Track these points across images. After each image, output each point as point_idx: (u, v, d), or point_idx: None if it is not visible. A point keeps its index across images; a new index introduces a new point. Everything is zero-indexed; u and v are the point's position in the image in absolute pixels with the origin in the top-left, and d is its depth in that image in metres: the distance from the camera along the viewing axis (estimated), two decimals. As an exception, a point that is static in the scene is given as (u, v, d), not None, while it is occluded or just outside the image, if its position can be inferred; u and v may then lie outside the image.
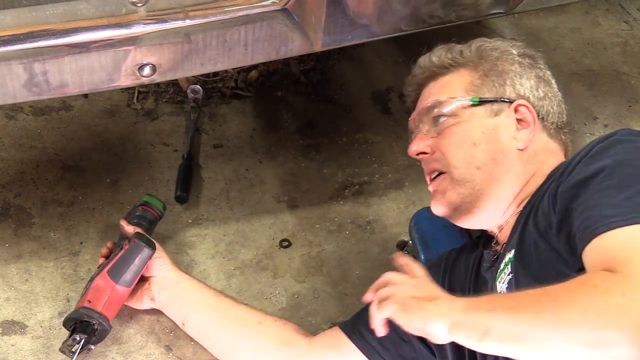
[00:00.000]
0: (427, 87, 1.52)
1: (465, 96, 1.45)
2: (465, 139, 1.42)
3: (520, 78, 1.48)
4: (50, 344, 1.70)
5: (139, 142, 2.17)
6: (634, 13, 2.72)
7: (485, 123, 1.43)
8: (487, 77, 1.47)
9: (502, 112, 1.44)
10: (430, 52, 1.54)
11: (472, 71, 1.48)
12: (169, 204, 1.95)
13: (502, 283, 1.32)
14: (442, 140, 1.44)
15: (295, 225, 2.01)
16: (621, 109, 2.37)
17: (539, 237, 1.24)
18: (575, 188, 1.17)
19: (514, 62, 1.49)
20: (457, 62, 1.49)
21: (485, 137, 1.42)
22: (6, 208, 1.96)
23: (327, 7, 1.46)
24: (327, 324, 1.78)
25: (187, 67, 1.48)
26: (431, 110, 1.47)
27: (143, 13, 1.36)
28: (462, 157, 1.42)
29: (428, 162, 1.48)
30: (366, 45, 2.48)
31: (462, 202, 1.41)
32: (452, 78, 1.49)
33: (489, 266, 1.44)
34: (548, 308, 1.00)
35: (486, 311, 1.06)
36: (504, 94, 1.45)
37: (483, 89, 1.46)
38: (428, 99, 1.50)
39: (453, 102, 1.44)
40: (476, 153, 1.41)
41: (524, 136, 1.43)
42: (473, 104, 1.44)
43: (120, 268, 1.65)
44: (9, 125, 2.17)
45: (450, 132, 1.44)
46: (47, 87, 1.40)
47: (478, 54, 1.49)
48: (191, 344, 1.73)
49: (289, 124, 2.27)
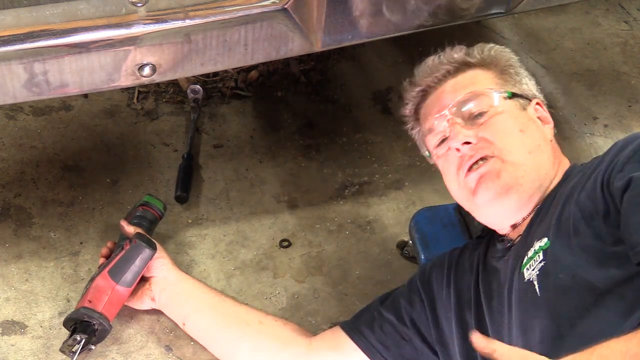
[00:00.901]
0: (447, 84, 1.51)
1: (498, 89, 1.47)
2: (513, 126, 1.43)
3: (529, 80, 1.53)
4: (50, 344, 1.70)
5: (139, 142, 2.17)
6: (634, 13, 2.72)
7: (522, 114, 1.46)
8: (506, 74, 1.51)
9: (527, 107, 1.48)
10: (441, 53, 1.54)
11: (492, 68, 1.51)
12: (169, 204, 1.95)
13: (532, 270, 1.29)
14: (487, 129, 1.43)
15: (295, 225, 2.01)
16: (621, 109, 2.37)
17: (583, 223, 1.23)
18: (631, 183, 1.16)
19: (520, 65, 1.54)
20: (475, 61, 1.51)
21: (528, 126, 1.44)
22: (6, 208, 1.96)
23: (327, 7, 1.46)
24: (327, 324, 1.78)
25: (187, 67, 1.48)
26: (467, 102, 1.46)
27: (143, 13, 1.36)
28: (513, 142, 1.41)
29: (475, 150, 1.42)
30: (366, 45, 2.47)
31: (516, 182, 1.39)
32: (476, 74, 1.50)
33: (502, 256, 1.44)
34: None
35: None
36: (523, 92, 1.50)
37: (507, 85, 1.49)
38: (456, 93, 1.48)
39: (491, 93, 1.46)
40: (525, 139, 1.42)
41: (548, 131, 1.47)
42: (508, 96, 1.46)
43: (120, 268, 1.65)
44: (9, 125, 2.17)
45: (495, 121, 1.43)
46: (47, 87, 1.40)
47: (491, 56, 1.52)
48: (191, 344, 1.73)
49: (289, 124, 2.27)
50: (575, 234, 1.24)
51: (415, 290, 1.57)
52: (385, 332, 1.57)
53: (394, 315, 1.57)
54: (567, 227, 1.26)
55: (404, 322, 1.56)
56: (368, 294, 1.84)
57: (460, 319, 1.46)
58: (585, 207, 1.25)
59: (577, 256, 1.23)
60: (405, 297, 1.58)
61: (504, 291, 1.37)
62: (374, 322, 1.58)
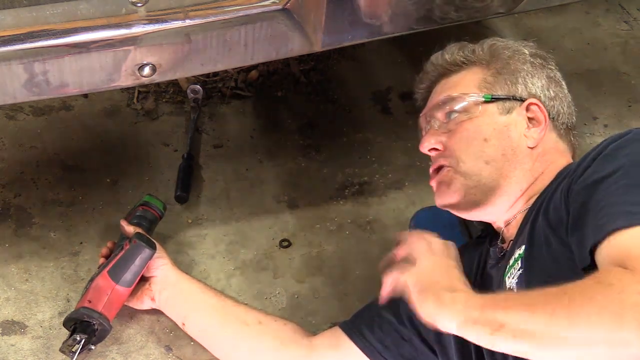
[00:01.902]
0: (439, 84, 1.53)
1: (478, 93, 1.46)
2: (477, 134, 1.43)
3: (531, 77, 1.49)
4: (50, 344, 1.70)
5: (139, 142, 2.17)
6: (634, 13, 2.72)
7: (497, 120, 1.44)
8: (500, 75, 1.48)
9: (513, 109, 1.45)
10: (442, 50, 1.55)
11: (485, 69, 1.50)
12: (169, 204, 1.95)
13: (512, 278, 1.32)
14: (453, 136, 1.45)
15: (295, 225, 2.01)
16: (621, 109, 2.37)
17: (551, 232, 1.24)
18: (591, 186, 1.17)
19: (525, 62, 1.51)
20: (470, 60, 1.51)
21: (497, 133, 1.43)
22: (6, 208, 1.96)
23: (327, 7, 1.46)
24: (327, 324, 1.78)
25: (187, 67, 1.48)
26: (443, 106, 1.47)
27: (143, 13, 1.36)
28: (472, 152, 1.42)
29: (437, 158, 1.47)
30: (366, 45, 2.47)
31: (467, 193, 1.41)
32: (465, 75, 1.50)
33: (495, 263, 1.45)
34: (564, 306, 1.00)
35: (502, 308, 1.07)
36: (516, 92, 1.47)
37: (495, 87, 1.47)
38: (440, 95, 1.50)
39: (466, 98, 1.45)
40: (486, 148, 1.42)
41: (534, 134, 1.44)
42: (485, 100, 1.45)
43: (120, 268, 1.65)
44: (9, 125, 2.17)
45: (462, 128, 1.44)
46: (47, 87, 1.40)
47: (490, 53, 1.51)
48: (191, 344, 1.73)
49: (289, 124, 2.27)
50: (546, 242, 1.25)
51: (415, 290, 1.57)
52: (384, 331, 1.57)
53: (393, 315, 1.57)
54: (539, 235, 1.28)
55: (403, 322, 1.56)
56: (368, 294, 1.83)
57: None
58: (551, 218, 1.26)
59: (549, 265, 1.23)
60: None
61: None
62: (374, 321, 1.58)
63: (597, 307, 0.97)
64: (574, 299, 1.00)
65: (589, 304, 0.98)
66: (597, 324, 0.97)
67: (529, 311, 1.03)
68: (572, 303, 1.00)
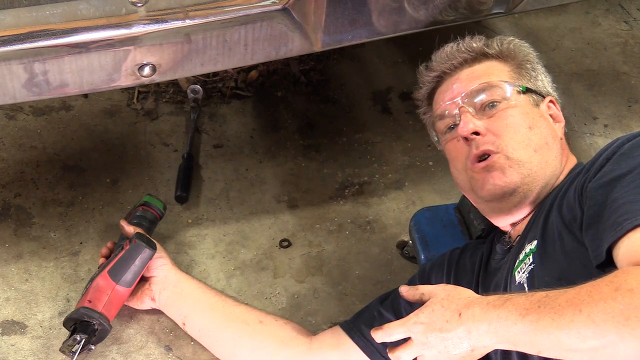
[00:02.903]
0: (463, 72, 1.50)
1: (513, 82, 1.46)
2: (522, 122, 1.42)
3: (545, 76, 1.53)
4: (50, 344, 1.70)
5: (139, 142, 2.17)
6: (634, 13, 2.72)
7: (534, 110, 1.45)
8: (523, 69, 1.50)
9: (540, 103, 1.47)
10: (461, 41, 1.53)
11: (509, 62, 1.51)
12: (169, 204, 1.95)
13: (522, 273, 1.31)
14: (496, 123, 1.42)
15: (295, 225, 2.01)
16: (621, 109, 2.37)
17: (564, 228, 1.24)
18: (607, 184, 1.17)
19: (538, 62, 1.54)
20: (494, 53, 1.51)
21: (538, 122, 1.43)
22: (6, 208, 1.96)
23: (327, 7, 1.46)
24: (327, 324, 1.78)
25: (187, 67, 1.48)
26: (481, 92, 1.46)
27: (143, 13, 1.36)
28: (520, 139, 1.41)
29: (478, 144, 1.42)
30: (366, 45, 2.48)
31: (522, 182, 1.39)
32: (492, 66, 1.50)
33: (501, 257, 1.45)
34: (588, 326, 0.98)
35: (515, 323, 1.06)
36: (538, 88, 1.49)
37: (522, 80, 1.48)
38: (470, 82, 1.47)
39: (506, 86, 1.45)
40: (533, 136, 1.41)
41: (559, 129, 1.46)
42: (522, 90, 1.45)
43: (120, 268, 1.65)
44: (9, 125, 2.17)
45: (505, 115, 1.43)
46: (47, 87, 1.40)
47: (509, 49, 1.51)
48: (191, 344, 1.73)
49: (289, 124, 2.27)
50: (559, 238, 1.25)
51: (414, 289, 1.57)
52: (385, 332, 1.57)
53: (394, 315, 1.57)
54: (552, 231, 1.27)
55: (404, 322, 1.56)
56: (368, 294, 1.84)
57: None
58: (565, 215, 1.25)
59: (562, 260, 1.23)
60: (404, 297, 1.58)
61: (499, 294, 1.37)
62: (374, 321, 1.58)
63: (623, 319, 0.96)
64: (594, 314, 0.98)
65: (613, 317, 0.97)
66: (626, 334, 0.96)
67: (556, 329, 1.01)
68: (595, 320, 0.98)
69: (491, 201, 1.42)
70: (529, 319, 1.04)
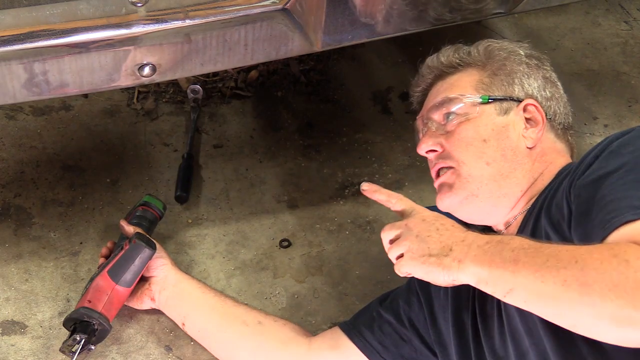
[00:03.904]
0: (435, 87, 1.53)
1: (475, 94, 1.46)
2: (476, 135, 1.42)
3: (527, 78, 1.49)
4: (50, 344, 1.70)
5: (139, 142, 2.17)
6: (634, 13, 2.72)
7: (495, 121, 1.44)
8: (496, 76, 1.48)
9: (511, 110, 1.45)
10: (437, 53, 1.55)
11: (481, 70, 1.50)
12: (169, 204, 1.95)
13: None
14: (452, 138, 1.44)
15: (295, 225, 2.01)
16: (621, 109, 2.37)
17: (552, 230, 1.24)
18: (596, 182, 1.17)
19: (521, 63, 1.50)
20: (466, 62, 1.51)
21: (495, 134, 1.43)
22: (6, 208, 1.96)
23: (327, 7, 1.46)
24: (327, 324, 1.78)
25: (187, 67, 1.48)
26: (440, 107, 1.47)
27: (143, 13, 1.36)
28: (472, 153, 1.42)
29: (436, 160, 1.47)
30: (366, 45, 2.48)
31: (469, 196, 1.41)
32: (461, 77, 1.50)
33: None
34: (576, 276, 1.01)
35: (510, 272, 1.09)
36: (513, 93, 1.47)
37: (492, 88, 1.47)
38: (436, 97, 1.50)
39: (463, 99, 1.45)
40: (486, 149, 1.41)
41: (532, 135, 1.44)
42: (483, 101, 1.45)
43: (120, 268, 1.65)
44: (9, 125, 2.17)
45: (460, 129, 1.44)
46: (47, 87, 1.40)
47: (486, 54, 1.50)
48: (191, 344, 1.73)
49: (289, 124, 2.27)
50: (546, 239, 1.25)
51: (413, 291, 1.58)
52: (384, 332, 1.57)
53: (393, 316, 1.57)
54: (540, 233, 1.28)
55: (403, 323, 1.56)
56: (368, 294, 1.84)
57: (457, 320, 1.46)
58: (553, 215, 1.26)
59: None
60: (403, 297, 1.58)
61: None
62: (373, 322, 1.58)
63: (611, 284, 0.98)
64: (587, 269, 1.01)
65: (603, 278, 0.99)
66: (609, 299, 0.97)
67: (539, 276, 1.05)
68: (585, 274, 1.00)
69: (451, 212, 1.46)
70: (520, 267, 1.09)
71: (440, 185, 1.46)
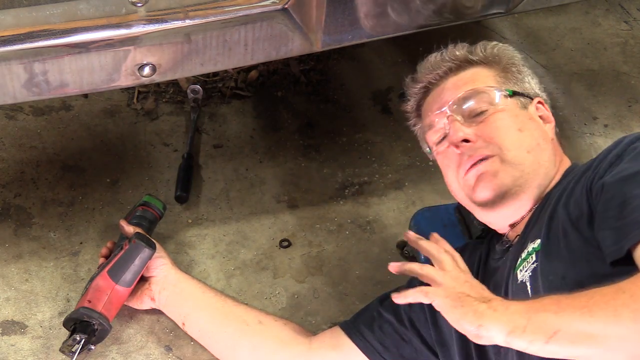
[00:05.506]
0: (448, 81, 1.51)
1: (499, 87, 1.46)
2: (511, 124, 1.43)
3: (532, 78, 1.53)
4: (50, 344, 1.70)
5: (139, 142, 2.17)
6: (634, 13, 2.72)
7: (521, 113, 1.45)
8: (508, 72, 1.50)
9: (528, 106, 1.47)
10: (444, 50, 1.54)
11: (494, 66, 1.51)
12: (169, 204, 1.95)
13: (525, 271, 1.31)
14: (486, 127, 1.43)
15: (295, 225, 2.01)
16: (621, 109, 2.37)
17: (570, 225, 1.24)
18: (622, 181, 1.17)
19: (524, 64, 1.54)
20: (478, 59, 1.51)
21: (528, 124, 1.44)
22: (6, 208, 1.96)
23: (327, 7, 1.46)
24: (327, 324, 1.78)
25: (187, 67, 1.48)
26: (468, 99, 1.46)
27: (143, 13, 1.36)
28: (512, 141, 1.41)
29: (471, 150, 1.43)
30: (366, 45, 2.47)
31: (514, 184, 1.39)
32: (477, 72, 1.50)
33: (500, 257, 1.45)
34: (627, 305, 0.99)
35: (553, 313, 1.05)
36: (525, 90, 1.49)
37: (508, 84, 1.48)
38: (456, 90, 1.48)
39: (493, 91, 1.45)
40: (524, 138, 1.42)
41: (549, 130, 1.46)
42: (509, 94, 1.46)
43: (120, 268, 1.65)
44: (9, 125, 2.17)
45: (494, 119, 1.43)
46: (47, 87, 1.40)
47: (494, 53, 1.52)
48: (191, 344, 1.73)
49: (289, 124, 2.27)
50: (564, 236, 1.25)
51: (414, 290, 1.57)
52: (384, 332, 1.57)
53: (393, 316, 1.57)
54: (556, 229, 1.27)
55: (403, 323, 1.56)
56: (368, 294, 1.84)
57: None
58: (572, 211, 1.26)
59: (566, 258, 1.23)
60: (404, 297, 1.58)
61: (500, 292, 1.37)
62: (374, 322, 1.58)
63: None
64: (637, 295, 0.99)
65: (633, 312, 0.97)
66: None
67: (587, 313, 1.02)
68: (636, 300, 0.99)
69: (485, 206, 1.43)
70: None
71: (482, 174, 1.41)
